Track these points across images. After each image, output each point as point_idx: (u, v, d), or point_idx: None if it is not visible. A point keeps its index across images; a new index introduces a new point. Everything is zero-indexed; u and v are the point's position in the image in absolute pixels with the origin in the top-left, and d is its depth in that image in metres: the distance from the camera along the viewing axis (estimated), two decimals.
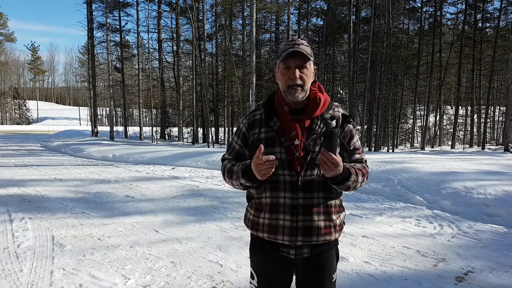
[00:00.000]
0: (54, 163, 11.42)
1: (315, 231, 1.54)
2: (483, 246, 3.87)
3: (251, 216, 1.66)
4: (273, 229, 1.56)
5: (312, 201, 1.53)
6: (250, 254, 1.73)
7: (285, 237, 1.54)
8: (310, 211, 1.53)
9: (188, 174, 8.96)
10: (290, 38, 1.68)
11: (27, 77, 78.69)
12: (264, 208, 1.59)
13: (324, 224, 1.55)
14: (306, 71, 1.52)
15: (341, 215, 1.63)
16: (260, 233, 1.61)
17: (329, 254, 1.62)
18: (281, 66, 1.53)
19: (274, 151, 1.51)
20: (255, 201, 1.64)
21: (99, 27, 24.73)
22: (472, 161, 8.46)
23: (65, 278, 3.12)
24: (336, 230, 1.59)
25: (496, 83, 29.63)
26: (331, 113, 1.58)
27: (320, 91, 1.60)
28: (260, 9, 18.97)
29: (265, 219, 1.58)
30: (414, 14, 24.45)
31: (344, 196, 1.68)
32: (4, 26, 55.19)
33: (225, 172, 1.65)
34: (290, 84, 1.51)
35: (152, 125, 25.14)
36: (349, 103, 18.83)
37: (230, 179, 1.62)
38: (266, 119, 1.58)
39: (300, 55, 1.49)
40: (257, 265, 1.68)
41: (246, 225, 1.70)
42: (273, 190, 1.55)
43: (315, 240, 1.55)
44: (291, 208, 1.53)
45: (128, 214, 5.24)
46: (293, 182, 1.51)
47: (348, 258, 3.49)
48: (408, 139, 27.10)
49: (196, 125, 23.84)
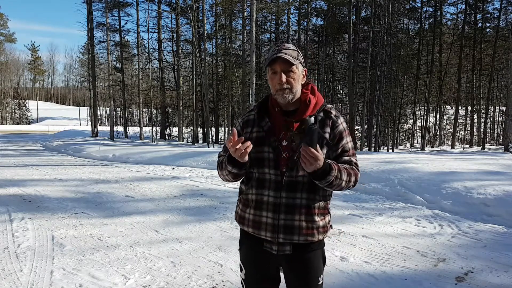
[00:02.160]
0: (54, 163, 11.42)
1: (296, 230, 1.58)
2: (483, 246, 3.87)
3: (239, 211, 1.73)
4: (257, 225, 1.63)
5: (294, 201, 1.57)
6: (239, 246, 1.80)
7: (268, 233, 1.60)
8: (292, 210, 1.57)
9: (188, 174, 8.96)
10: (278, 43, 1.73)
11: (27, 77, 78.75)
12: (250, 204, 1.66)
13: (306, 224, 1.58)
14: (292, 75, 1.56)
15: (326, 218, 1.65)
16: (246, 227, 1.68)
17: (313, 254, 1.64)
18: (269, 71, 1.59)
19: (263, 150, 1.58)
20: (243, 197, 1.71)
21: (99, 27, 24.75)
22: (472, 161, 8.45)
23: (65, 278, 3.12)
24: (319, 231, 1.62)
25: (496, 83, 29.66)
26: (322, 115, 1.61)
27: (313, 93, 1.64)
28: (260, 9, 18.98)
29: (250, 215, 1.66)
30: (414, 14, 24.45)
31: (344, 196, 1.68)
32: (5, 27, 55.20)
33: (218, 165, 1.72)
34: (278, 88, 1.56)
35: (152, 125, 25.13)
36: (349, 103, 18.84)
37: (221, 170, 1.68)
38: (258, 119, 1.64)
39: (284, 60, 1.53)
40: (245, 258, 1.75)
41: (235, 219, 1.77)
42: (259, 188, 1.62)
43: (296, 239, 1.59)
44: (273, 206, 1.59)
45: (128, 214, 5.24)
46: (278, 182, 1.57)
47: (348, 258, 3.49)
48: (408, 139, 27.11)
49: (196, 125, 23.84)
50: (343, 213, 5.15)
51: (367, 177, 6.82)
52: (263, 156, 1.58)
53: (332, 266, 3.34)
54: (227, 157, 1.58)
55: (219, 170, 1.70)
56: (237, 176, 1.63)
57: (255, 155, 1.58)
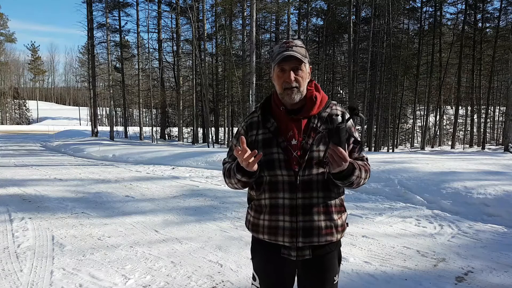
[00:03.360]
0: (54, 163, 11.42)
1: (315, 231, 1.52)
2: (483, 246, 3.87)
3: (251, 218, 1.65)
4: (273, 231, 1.55)
5: (311, 201, 1.52)
6: (251, 256, 1.73)
7: (286, 239, 1.53)
8: (310, 211, 1.52)
9: (188, 174, 8.96)
10: (284, 40, 1.68)
11: (27, 77, 78.69)
12: (264, 210, 1.58)
13: (325, 224, 1.53)
14: (301, 73, 1.52)
15: (342, 216, 1.61)
16: (261, 235, 1.60)
17: (331, 255, 1.60)
18: (276, 69, 1.53)
19: (272, 152, 1.52)
20: (255, 203, 1.63)
21: (99, 27, 24.75)
22: (472, 161, 8.45)
23: (65, 278, 3.12)
24: (338, 230, 1.58)
25: (496, 83, 29.64)
26: (329, 111, 1.57)
27: (317, 90, 1.60)
28: (260, 9, 18.99)
29: (265, 221, 1.58)
30: (414, 14, 24.44)
31: (344, 196, 1.67)
32: (5, 27, 55.21)
33: (225, 173, 1.65)
34: (286, 87, 1.51)
35: (152, 125, 25.13)
36: (349, 103, 18.83)
37: (229, 178, 1.61)
38: (263, 120, 1.59)
39: (295, 58, 1.49)
40: (259, 267, 1.68)
41: (247, 227, 1.70)
42: (272, 191, 1.55)
43: (316, 241, 1.53)
44: (290, 209, 1.52)
45: (128, 214, 5.24)
46: (292, 182, 1.51)
47: (348, 258, 3.49)
48: (408, 139, 27.10)
49: (196, 125, 23.84)
50: None
51: None
52: (273, 158, 1.52)
53: None
54: (236, 166, 1.51)
55: (227, 179, 1.62)
56: (247, 184, 1.57)
57: (264, 158, 1.51)
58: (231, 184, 1.61)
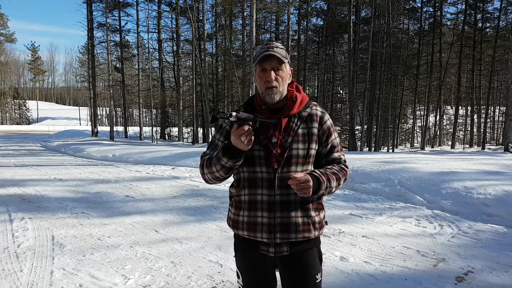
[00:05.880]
0: (54, 163, 11.42)
1: (293, 227, 1.56)
2: (483, 246, 3.87)
3: (231, 215, 1.69)
4: (252, 227, 1.59)
5: (289, 198, 1.56)
6: (234, 253, 1.77)
7: (264, 235, 1.57)
8: (287, 207, 1.56)
9: (188, 174, 8.96)
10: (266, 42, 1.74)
11: (27, 77, 78.65)
12: (243, 206, 1.62)
13: (302, 220, 1.58)
14: (281, 73, 1.56)
15: (320, 213, 1.65)
16: (241, 231, 1.64)
17: (309, 253, 1.63)
18: (258, 69, 1.58)
19: (253, 149, 1.55)
20: (235, 199, 1.67)
21: (99, 27, 24.74)
22: (472, 161, 8.45)
23: (65, 278, 3.12)
24: (315, 227, 1.61)
25: (496, 83, 29.66)
26: (309, 111, 1.62)
27: (298, 90, 1.65)
28: (260, 9, 18.96)
29: (244, 217, 1.62)
30: (414, 14, 24.45)
31: (344, 196, 1.69)
32: (5, 27, 55.13)
33: (204, 163, 1.62)
34: (267, 86, 1.55)
35: (152, 125, 25.12)
36: (349, 103, 18.83)
37: (209, 168, 1.58)
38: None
39: (275, 58, 1.53)
40: (241, 265, 1.72)
41: (228, 224, 1.73)
42: (251, 187, 1.59)
43: (293, 237, 1.57)
44: (268, 205, 1.56)
45: (128, 214, 5.24)
46: (270, 179, 1.55)
47: (348, 258, 3.49)
48: (408, 139, 27.11)
49: (196, 125, 23.84)
50: (343, 213, 5.15)
51: (367, 177, 6.82)
52: (254, 155, 1.56)
53: (332, 266, 3.34)
54: (221, 151, 1.50)
55: (206, 168, 1.59)
56: (230, 170, 1.55)
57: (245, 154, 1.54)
58: (211, 173, 1.58)
